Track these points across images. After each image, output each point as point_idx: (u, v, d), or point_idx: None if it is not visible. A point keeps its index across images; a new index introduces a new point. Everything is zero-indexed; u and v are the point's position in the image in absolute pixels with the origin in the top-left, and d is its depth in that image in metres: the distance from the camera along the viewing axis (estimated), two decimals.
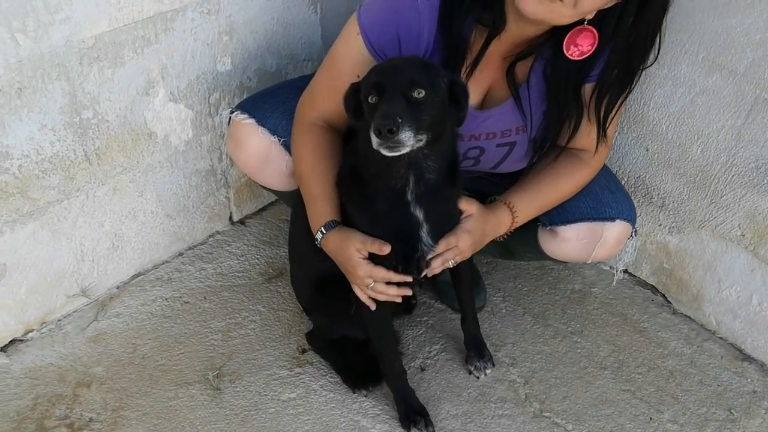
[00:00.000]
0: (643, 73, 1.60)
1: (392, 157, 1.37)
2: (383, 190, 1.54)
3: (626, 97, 1.63)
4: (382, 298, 1.66)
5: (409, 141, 1.32)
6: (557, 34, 1.51)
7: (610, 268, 2.38)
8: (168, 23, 1.85)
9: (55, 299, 2.06)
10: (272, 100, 1.86)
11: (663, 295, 2.32)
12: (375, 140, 1.33)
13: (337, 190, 1.66)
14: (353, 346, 2.01)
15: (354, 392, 1.98)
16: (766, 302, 2.04)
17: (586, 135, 1.66)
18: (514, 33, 1.52)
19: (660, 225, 2.19)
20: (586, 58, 1.53)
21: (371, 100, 1.40)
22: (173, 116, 2.02)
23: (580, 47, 1.51)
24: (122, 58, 1.80)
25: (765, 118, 1.81)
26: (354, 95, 1.49)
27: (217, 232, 2.42)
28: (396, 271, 1.63)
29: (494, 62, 1.60)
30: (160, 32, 1.84)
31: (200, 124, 2.11)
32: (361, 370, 2.00)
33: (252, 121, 1.82)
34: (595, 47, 1.50)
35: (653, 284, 2.33)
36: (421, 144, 1.38)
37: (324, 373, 2.03)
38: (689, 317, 2.26)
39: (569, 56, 1.52)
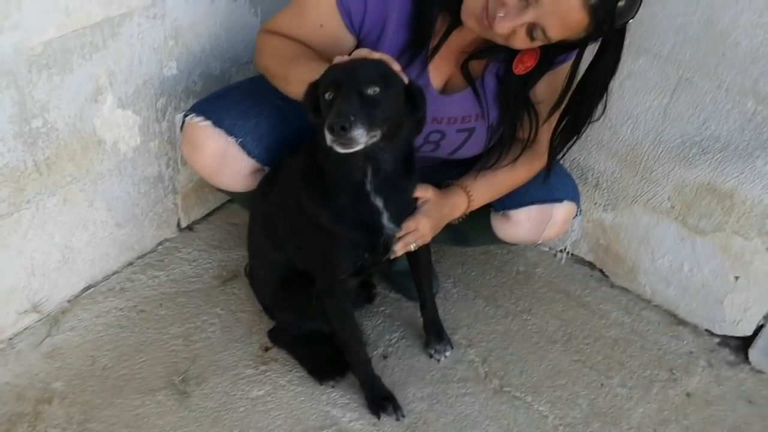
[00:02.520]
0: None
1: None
2: (343, 183, 1.59)
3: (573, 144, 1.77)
4: None
5: (361, 138, 1.36)
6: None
7: (550, 249, 2.52)
8: (115, 28, 1.84)
9: (5, 317, 2.00)
10: (225, 102, 1.87)
11: (601, 270, 2.46)
12: (329, 137, 1.36)
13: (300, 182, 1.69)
14: (318, 339, 2.05)
15: (321, 384, 2.01)
16: (695, 268, 2.21)
17: (545, 129, 1.76)
18: (472, 31, 1.60)
19: (595, 204, 2.33)
20: (530, 72, 1.65)
21: (328, 96, 1.44)
22: (121, 122, 2.00)
23: (525, 63, 1.64)
24: (71, 64, 1.78)
25: (688, 96, 1.97)
26: (313, 92, 1.52)
27: (166, 240, 2.40)
28: (363, 257, 1.70)
29: (454, 53, 1.68)
30: (108, 38, 1.83)
31: (148, 130, 2.10)
32: (326, 363, 2.04)
33: (208, 122, 1.82)
34: (537, 62, 1.63)
35: (591, 261, 2.48)
36: (375, 140, 1.42)
37: (290, 369, 2.06)
38: (626, 289, 2.42)
39: (515, 72, 1.65)
